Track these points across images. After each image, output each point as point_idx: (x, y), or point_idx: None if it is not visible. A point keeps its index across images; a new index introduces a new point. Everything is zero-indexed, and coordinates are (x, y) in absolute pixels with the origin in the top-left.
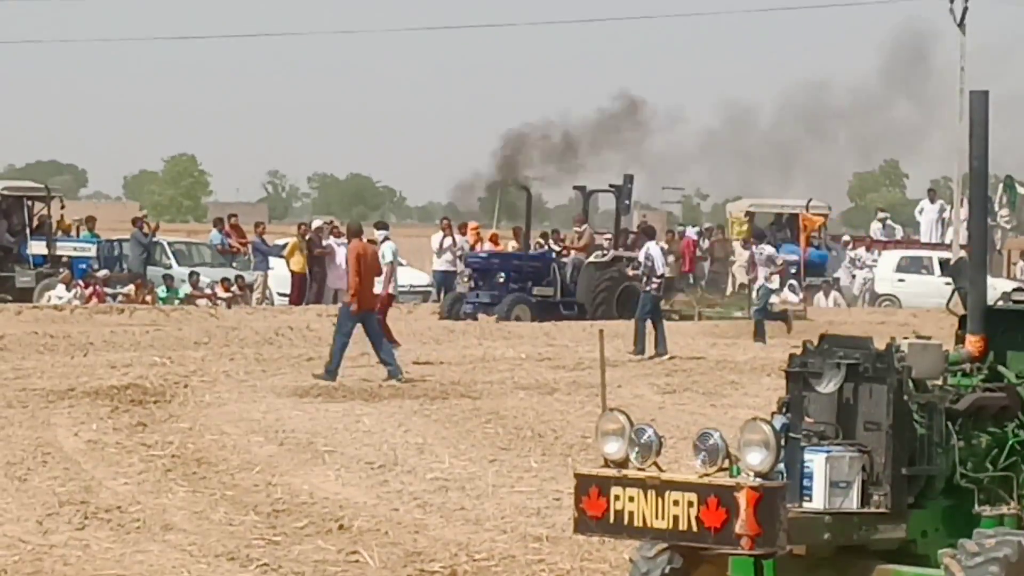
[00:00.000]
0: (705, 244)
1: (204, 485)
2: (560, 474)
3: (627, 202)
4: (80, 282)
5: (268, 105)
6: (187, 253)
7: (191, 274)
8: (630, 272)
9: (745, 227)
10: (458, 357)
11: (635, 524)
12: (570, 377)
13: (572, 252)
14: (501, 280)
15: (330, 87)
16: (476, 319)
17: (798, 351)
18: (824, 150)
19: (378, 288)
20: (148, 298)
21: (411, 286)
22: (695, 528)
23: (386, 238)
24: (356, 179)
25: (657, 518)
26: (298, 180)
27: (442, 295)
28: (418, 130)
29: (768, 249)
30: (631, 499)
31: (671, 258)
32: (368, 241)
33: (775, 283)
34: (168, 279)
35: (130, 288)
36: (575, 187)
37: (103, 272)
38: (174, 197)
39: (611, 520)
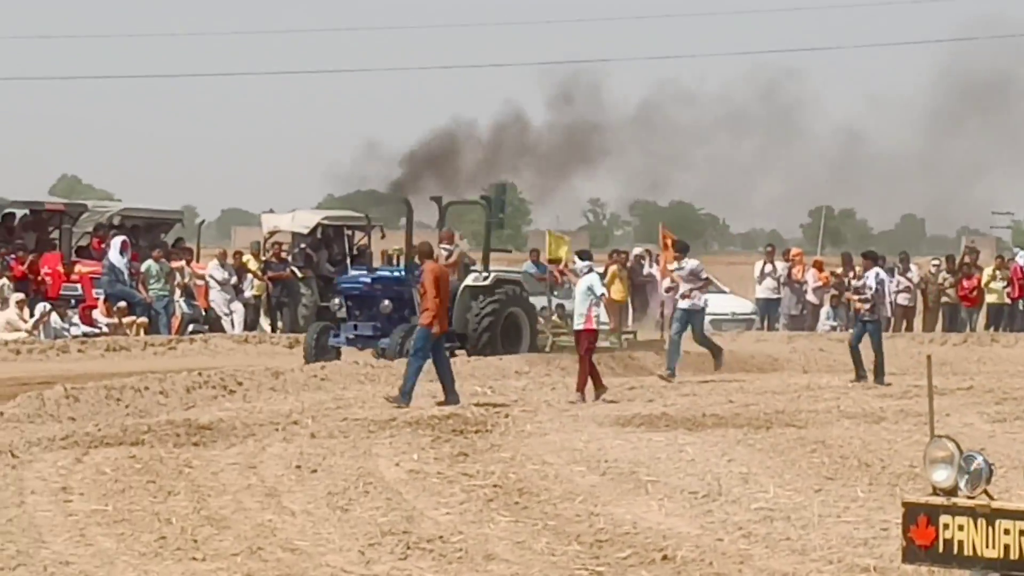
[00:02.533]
0: None
1: (526, 515)
2: (887, 503)
3: (500, 215)
4: None
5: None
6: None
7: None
8: (854, 299)
9: None
10: (782, 385)
11: (964, 553)
12: (897, 405)
13: None
14: (385, 309)
15: None
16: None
17: None
18: None
19: (579, 323)
20: None
21: (733, 314)
22: None
23: (590, 268)
24: (679, 207)
25: (987, 547)
26: (619, 208)
27: (765, 322)
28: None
29: None
30: (960, 528)
31: (1003, 284)
32: (571, 272)
33: None
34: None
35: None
36: (432, 198)
37: None
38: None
39: (940, 549)
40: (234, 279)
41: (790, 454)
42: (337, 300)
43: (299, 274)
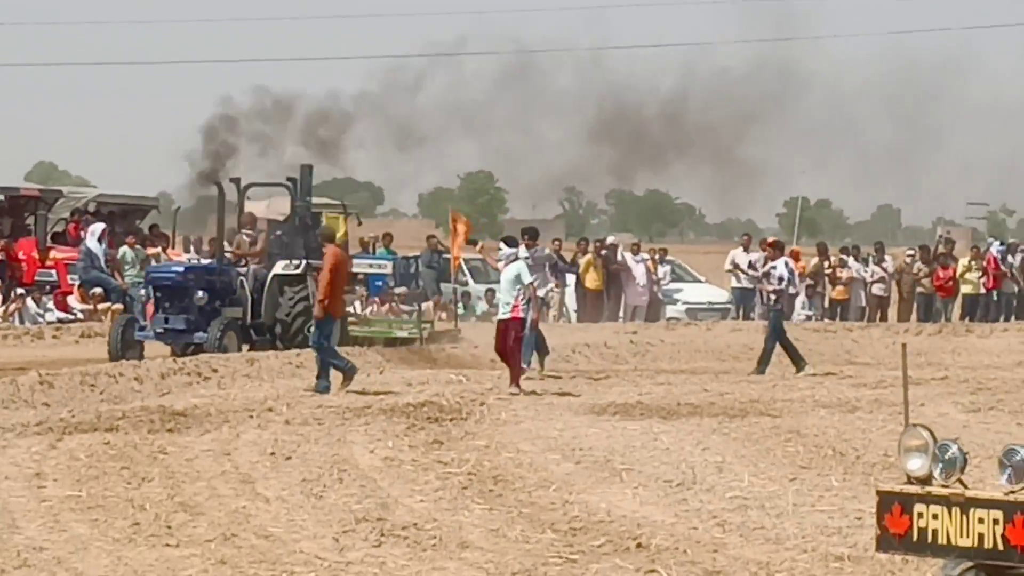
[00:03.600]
0: (1016, 261)
1: (501, 503)
2: (862, 493)
3: (307, 199)
4: (376, 299)
5: (565, 121)
6: (483, 270)
7: (487, 291)
8: (768, 288)
9: None
10: (756, 375)
11: (939, 542)
12: (872, 395)
13: (248, 263)
14: (199, 300)
15: None
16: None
17: None
18: None
19: (506, 312)
20: (443, 315)
21: (710, 303)
22: (1001, 546)
23: (517, 256)
24: (654, 196)
25: (962, 536)
26: (595, 197)
27: (740, 312)
28: None
29: None
30: (935, 516)
31: (978, 274)
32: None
33: None
34: (465, 296)
35: (427, 305)
36: (231, 179)
37: (400, 289)
38: (470, 214)
39: (914, 538)
40: None
41: (765, 443)
42: (144, 291)
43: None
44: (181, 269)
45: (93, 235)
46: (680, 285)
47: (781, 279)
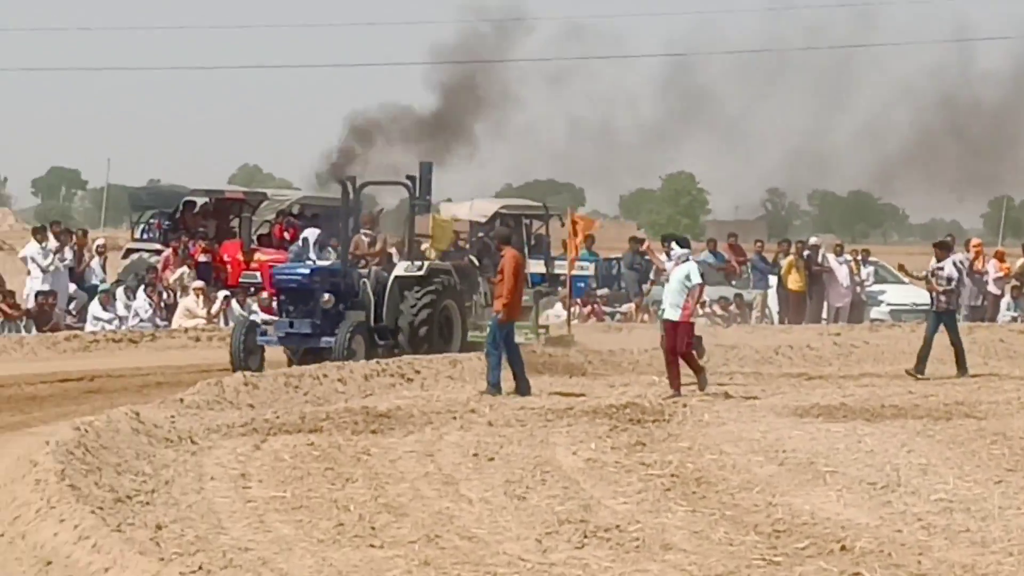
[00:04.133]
0: None
1: (703, 505)
2: None
3: (427, 197)
4: (578, 300)
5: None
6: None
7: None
8: (937, 288)
9: None
10: (961, 377)
11: None
12: None
13: (368, 264)
14: (326, 303)
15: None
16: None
17: None
18: None
19: (674, 314)
20: (646, 317)
21: (914, 304)
22: None
23: (688, 256)
24: (857, 196)
25: None
26: (798, 198)
27: None
28: None
29: None
30: None
31: None
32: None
33: None
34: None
35: (629, 307)
36: (346, 177)
37: (603, 291)
38: (672, 215)
39: None
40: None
41: (970, 445)
42: (265, 294)
43: (476, 262)
44: (307, 271)
45: (310, 238)
46: (883, 286)
47: (950, 279)
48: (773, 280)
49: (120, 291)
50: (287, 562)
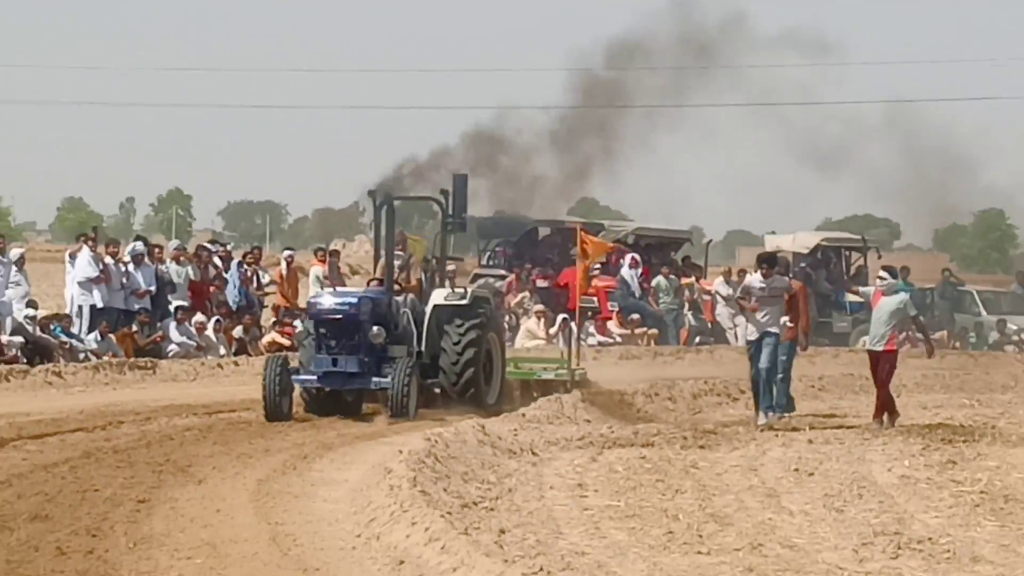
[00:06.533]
0: None
1: (1011, 520)
2: None
3: (464, 216)
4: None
5: None
6: (995, 302)
7: (999, 322)
8: None
9: None
10: None
11: None
12: None
13: (404, 290)
14: (376, 337)
15: None
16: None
17: None
18: None
19: (880, 344)
20: (957, 344)
21: None
22: None
23: (897, 289)
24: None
25: None
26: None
27: None
28: None
29: None
30: None
31: None
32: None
33: None
34: (977, 326)
35: (940, 334)
36: (369, 192)
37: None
38: (983, 249)
39: None
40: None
41: None
42: (301, 326)
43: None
44: (354, 300)
45: (625, 264)
46: None
47: None
48: None
49: None
50: (620, 566)
